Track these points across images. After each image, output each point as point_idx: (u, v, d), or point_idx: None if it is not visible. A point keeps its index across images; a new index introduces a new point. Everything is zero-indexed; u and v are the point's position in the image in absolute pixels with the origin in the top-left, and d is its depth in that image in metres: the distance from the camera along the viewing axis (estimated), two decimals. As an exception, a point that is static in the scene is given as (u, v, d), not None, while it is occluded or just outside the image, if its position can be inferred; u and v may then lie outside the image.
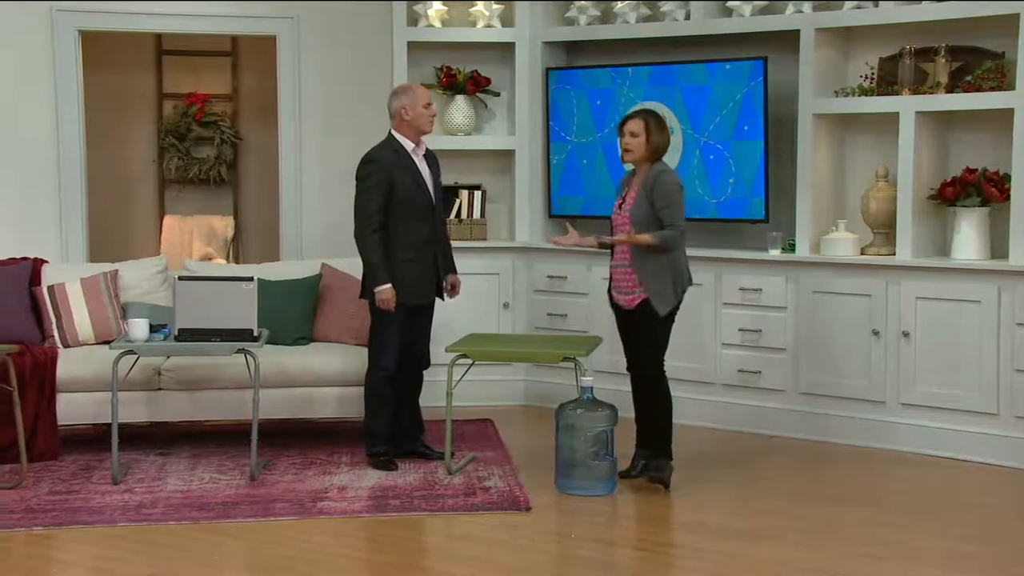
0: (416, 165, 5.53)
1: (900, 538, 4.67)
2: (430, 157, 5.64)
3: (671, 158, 6.57)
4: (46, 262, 6.32)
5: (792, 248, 6.30)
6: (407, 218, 5.45)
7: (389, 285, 5.39)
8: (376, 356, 5.53)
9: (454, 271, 5.73)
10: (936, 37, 5.93)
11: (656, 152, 5.26)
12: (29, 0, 6.77)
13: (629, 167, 5.45)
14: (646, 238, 5.16)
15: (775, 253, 6.31)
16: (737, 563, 4.41)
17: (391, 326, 5.46)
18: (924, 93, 5.90)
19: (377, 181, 5.41)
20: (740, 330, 6.36)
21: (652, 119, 5.28)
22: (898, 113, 5.93)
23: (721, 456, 5.92)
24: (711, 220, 6.60)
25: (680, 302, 5.30)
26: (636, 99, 6.70)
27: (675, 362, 6.50)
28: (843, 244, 6.14)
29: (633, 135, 5.24)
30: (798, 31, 6.19)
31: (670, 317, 5.29)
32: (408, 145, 5.53)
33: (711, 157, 6.52)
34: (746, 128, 6.36)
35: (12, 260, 6.26)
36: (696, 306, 6.47)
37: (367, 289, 5.48)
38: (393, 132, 5.58)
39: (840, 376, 6.11)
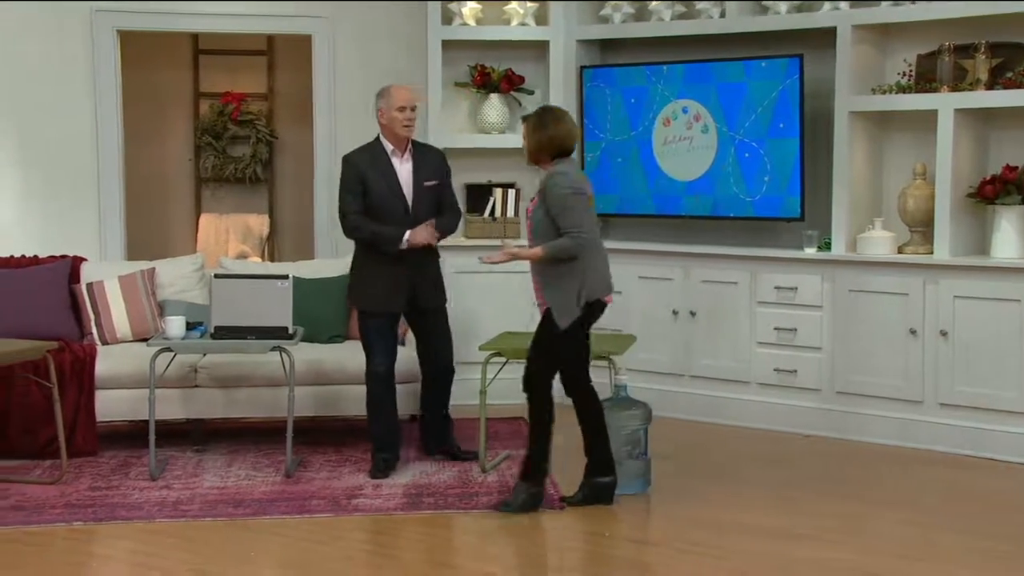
0: (394, 169, 5.43)
1: (936, 539, 4.64)
2: (424, 158, 5.50)
3: (704, 156, 6.59)
4: (85, 260, 6.38)
5: (828, 247, 6.26)
6: (379, 222, 5.39)
7: (407, 232, 5.31)
8: (366, 361, 5.51)
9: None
10: (976, 33, 5.87)
11: (543, 151, 4.85)
12: (69, 0, 6.83)
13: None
14: (530, 252, 4.84)
15: (811, 252, 6.27)
16: (772, 563, 4.39)
17: (369, 332, 5.45)
18: (963, 90, 5.85)
19: (349, 179, 5.42)
20: (775, 329, 6.33)
21: (532, 119, 4.90)
22: (936, 111, 5.87)
23: (756, 455, 5.89)
24: (746, 218, 6.57)
25: (592, 315, 4.91)
26: (671, 97, 6.69)
27: (710, 361, 6.53)
28: (880, 243, 6.09)
29: (523, 138, 4.95)
30: (835, 28, 6.14)
31: (576, 332, 4.87)
32: (388, 147, 5.46)
33: (746, 155, 6.49)
34: (782, 126, 6.33)
35: (52, 258, 6.33)
36: (731, 305, 6.45)
37: (351, 291, 5.52)
38: (380, 134, 5.53)
39: (876, 375, 6.07)
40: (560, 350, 4.91)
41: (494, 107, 7.06)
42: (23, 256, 6.32)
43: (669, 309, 6.65)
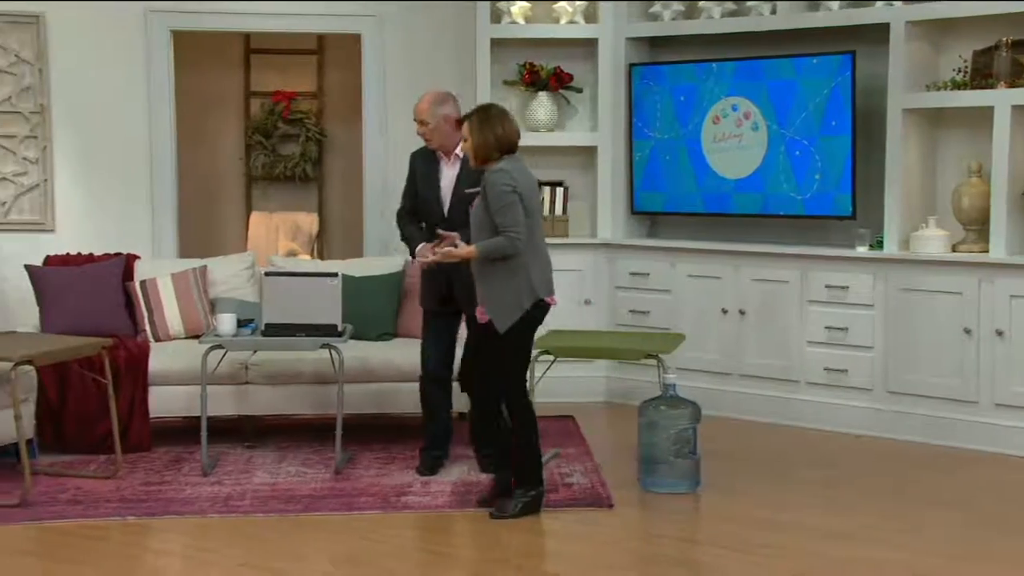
0: (439, 173, 5.40)
1: (992, 540, 4.58)
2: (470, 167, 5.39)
3: (754, 154, 6.54)
4: (138, 258, 6.46)
5: (880, 245, 6.19)
6: (423, 223, 5.42)
7: (420, 246, 5.32)
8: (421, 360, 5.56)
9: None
10: (1033, 29, 5.79)
11: (492, 148, 4.75)
12: (124, 0, 6.91)
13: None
14: (464, 251, 4.75)
15: (862, 250, 6.21)
16: (825, 563, 4.35)
17: (422, 327, 5.51)
18: (1021, 86, 5.76)
19: (409, 173, 5.52)
20: (826, 328, 6.27)
21: (475, 118, 4.80)
22: (993, 107, 5.79)
23: (806, 455, 5.84)
24: (796, 217, 6.51)
25: (534, 318, 4.80)
26: (720, 94, 6.65)
27: (759, 359, 6.48)
28: (933, 241, 6.02)
29: (464, 140, 4.85)
30: (888, 24, 6.08)
31: (518, 336, 4.76)
32: (440, 153, 5.46)
33: (797, 153, 6.43)
34: (833, 123, 6.27)
35: (106, 256, 6.41)
36: (781, 303, 6.40)
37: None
38: None
39: (930, 375, 5.99)
40: (511, 357, 4.79)
41: (543, 105, 7.05)
42: (79, 254, 6.41)
43: (718, 307, 6.61)
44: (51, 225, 6.93)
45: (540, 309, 4.83)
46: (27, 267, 6.17)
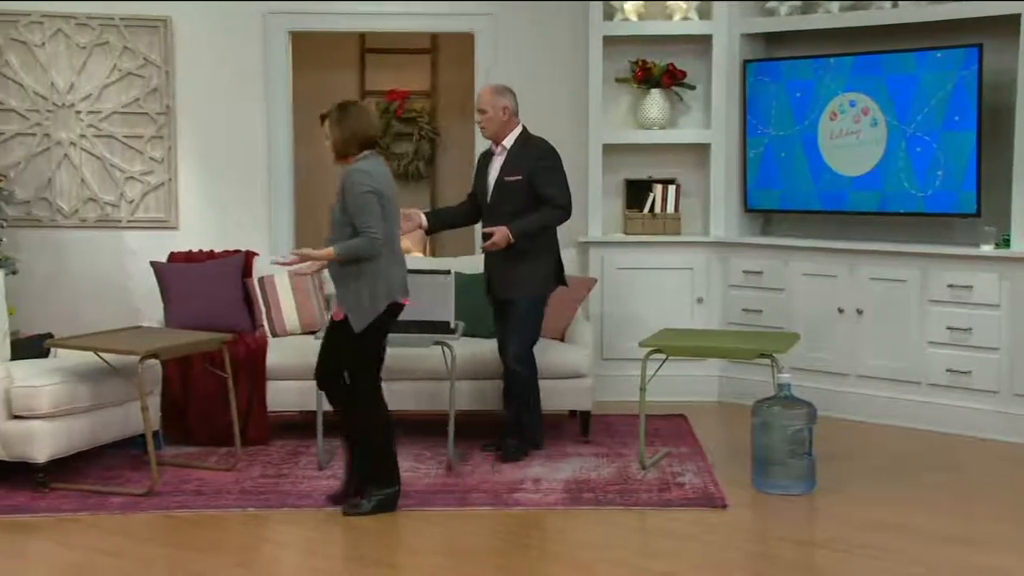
0: (488, 164, 5.65)
1: (1125, 552, 4.40)
2: (518, 154, 5.57)
3: (873, 151, 6.40)
4: (257, 254, 6.61)
5: (1007, 243, 6.00)
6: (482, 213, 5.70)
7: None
8: None
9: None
10: None
11: (350, 144, 4.75)
12: (244, 1, 7.08)
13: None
14: (322, 253, 4.72)
15: (987, 248, 6.03)
16: (953, 569, 4.24)
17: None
18: None
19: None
20: (948, 328, 6.10)
21: (333, 114, 4.78)
22: None
23: (926, 458, 5.70)
24: (916, 214, 6.36)
25: (387, 320, 4.78)
26: (838, 90, 6.53)
27: (877, 360, 6.34)
28: (1062, 240, 5.81)
29: (326, 137, 4.82)
30: (1018, 16, 5.88)
31: (371, 337, 4.75)
32: (492, 144, 5.66)
33: (918, 149, 6.28)
34: (957, 119, 6.10)
35: (226, 253, 6.58)
36: (900, 303, 6.26)
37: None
38: None
39: (1058, 379, 5.80)
40: (362, 354, 4.78)
41: (655, 102, 7.01)
42: (200, 251, 6.59)
43: (834, 307, 6.49)
44: (175, 223, 7.13)
45: (395, 311, 4.82)
46: (152, 264, 6.36)
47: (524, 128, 5.66)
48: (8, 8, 6.92)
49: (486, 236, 5.53)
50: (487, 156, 5.72)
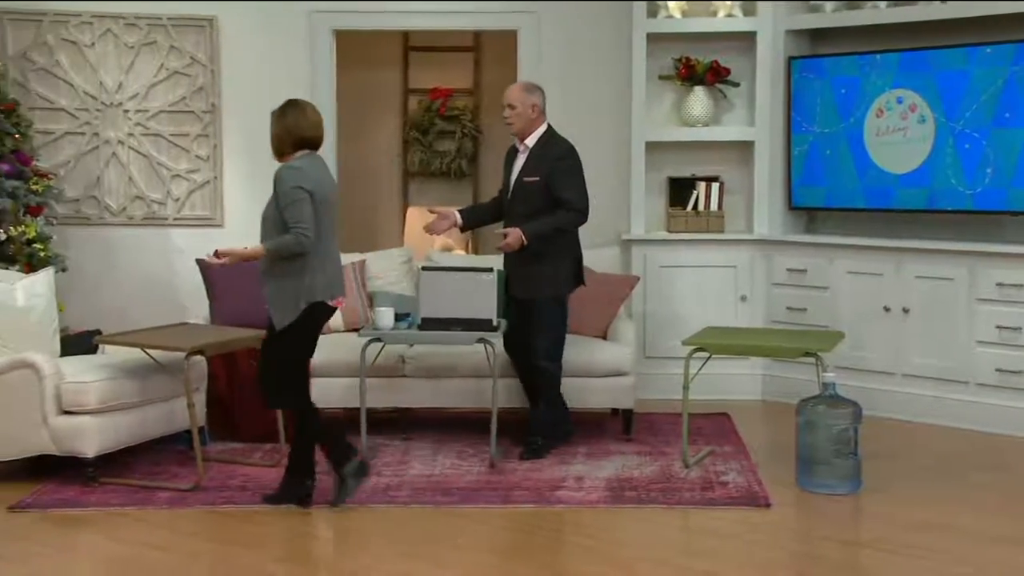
0: (512, 163, 5.66)
1: None
2: (539, 153, 5.58)
3: (920, 147, 6.33)
4: (301, 252, 6.64)
5: (1056, 241, 5.93)
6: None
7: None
8: None
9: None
10: None
11: (283, 142, 4.76)
12: (289, 1, 7.13)
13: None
14: (252, 250, 4.72)
15: (1037, 247, 5.95)
16: (1001, 569, 4.20)
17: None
18: None
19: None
20: (997, 327, 6.03)
21: (275, 111, 4.81)
22: None
23: (974, 458, 5.64)
24: (964, 212, 6.28)
25: (313, 321, 4.76)
26: (884, 87, 6.47)
27: (924, 359, 6.27)
28: (1114, 237, 5.73)
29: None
30: (1070, 10, 5.81)
31: (294, 336, 4.73)
32: (518, 142, 5.67)
33: (966, 146, 6.21)
34: (1007, 115, 6.02)
35: (270, 250, 6.61)
36: (947, 301, 6.19)
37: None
38: None
39: (1109, 379, 5.71)
40: (287, 355, 4.77)
41: (699, 99, 6.98)
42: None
43: (879, 305, 6.43)
44: (220, 220, 7.19)
45: (320, 312, 4.77)
46: (198, 261, 6.42)
47: (549, 127, 5.67)
48: (59, 8, 7.01)
49: (503, 236, 5.53)
50: (512, 155, 5.73)
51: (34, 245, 6.37)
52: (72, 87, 7.07)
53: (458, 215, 5.74)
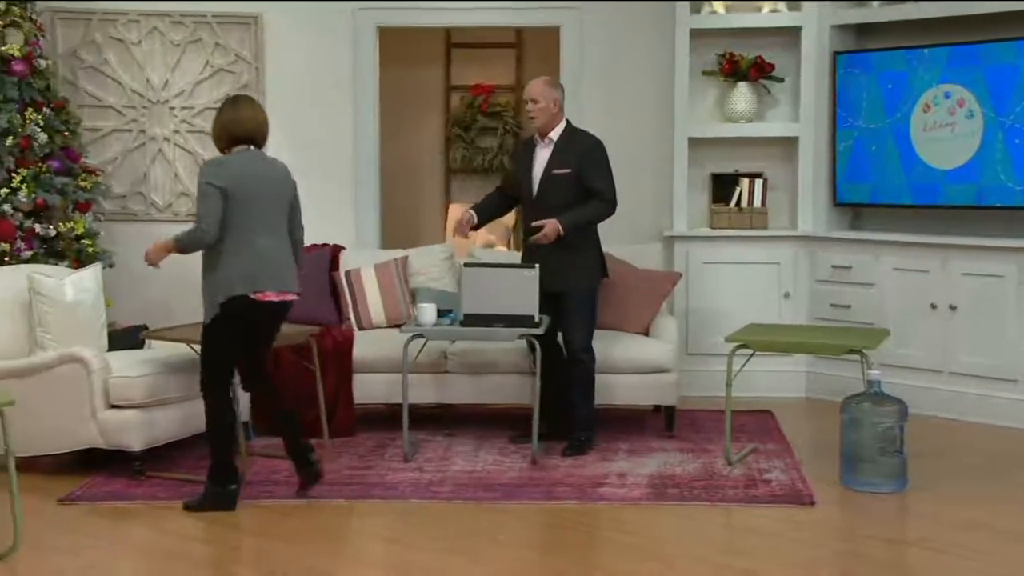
0: (533, 156, 5.65)
1: None
2: (566, 146, 5.59)
3: (968, 143, 6.26)
4: (343, 248, 6.69)
5: (1107, 238, 5.83)
6: (521, 203, 5.77)
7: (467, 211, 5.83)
8: None
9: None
10: None
11: (219, 138, 4.84)
12: (334, 0, 7.17)
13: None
14: (163, 244, 4.83)
15: (1087, 243, 5.86)
16: (1044, 573, 4.14)
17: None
18: None
19: (509, 160, 5.81)
20: (1046, 325, 5.95)
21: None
22: None
23: (1021, 457, 5.57)
24: (1015, 208, 6.20)
25: (236, 315, 4.72)
26: (932, 82, 6.40)
27: (971, 357, 6.20)
28: None
29: None
30: (1121, 3, 5.71)
31: (218, 330, 4.74)
32: (536, 136, 5.69)
33: (1016, 141, 6.12)
34: (1057, 110, 5.95)
35: (314, 246, 6.64)
36: (994, 299, 6.11)
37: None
38: None
39: None
40: (209, 348, 4.79)
41: (742, 95, 6.93)
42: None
43: (926, 302, 6.36)
44: (264, 217, 7.23)
45: (243, 306, 4.73)
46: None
47: (568, 122, 5.70)
48: (107, 7, 7.09)
49: (534, 229, 5.51)
50: (528, 149, 5.72)
51: (82, 241, 6.45)
52: (119, 85, 7.15)
53: (474, 214, 5.78)
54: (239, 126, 4.81)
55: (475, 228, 5.94)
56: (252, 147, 4.85)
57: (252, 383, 4.99)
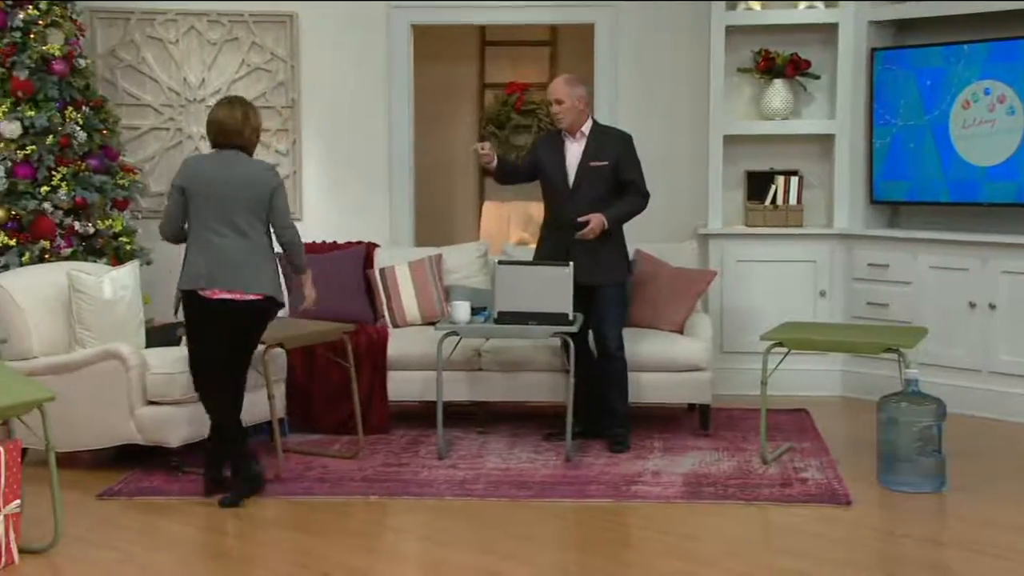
0: (564, 150, 5.64)
1: None
2: (599, 140, 5.60)
3: (1009, 140, 6.19)
4: (378, 246, 6.71)
5: None
6: (547, 195, 5.74)
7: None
8: None
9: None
10: None
11: (208, 137, 4.96)
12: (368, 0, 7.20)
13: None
14: None
15: None
16: (1084, 575, 4.09)
17: None
18: None
19: (527, 153, 6.05)
20: (1086, 325, 5.88)
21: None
22: None
23: (1062, 460, 5.51)
24: (1054, 206, 6.14)
25: (190, 311, 4.83)
26: (971, 78, 6.33)
27: (1011, 356, 6.13)
28: None
29: None
30: None
31: (187, 324, 4.91)
32: (565, 133, 5.67)
33: (1056, 138, 6.06)
34: (1100, 106, 5.87)
35: (348, 244, 6.69)
36: (1032, 298, 6.06)
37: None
38: None
39: None
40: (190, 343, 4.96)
41: (778, 92, 6.89)
42: (324, 242, 6.71)
43: (964, 301, 6.30)
44: (299, 214, 7.26)
45: (196, 303, 4.81)
46: (277, 255, 6.49)
47: (594, 119, 5.73)
48: (146, 7, 7.15)
49: (578, 224, 5.49)
50: (555, 143, 5.70)
51: (120, 238, 6.51)
52: (157, 83, 7.21)
53: (495, 155, 5.72)
54: (208, 128, 4.94)
55: (493, 173, 5.95)
56: (235, 150, 4.88)
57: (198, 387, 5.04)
